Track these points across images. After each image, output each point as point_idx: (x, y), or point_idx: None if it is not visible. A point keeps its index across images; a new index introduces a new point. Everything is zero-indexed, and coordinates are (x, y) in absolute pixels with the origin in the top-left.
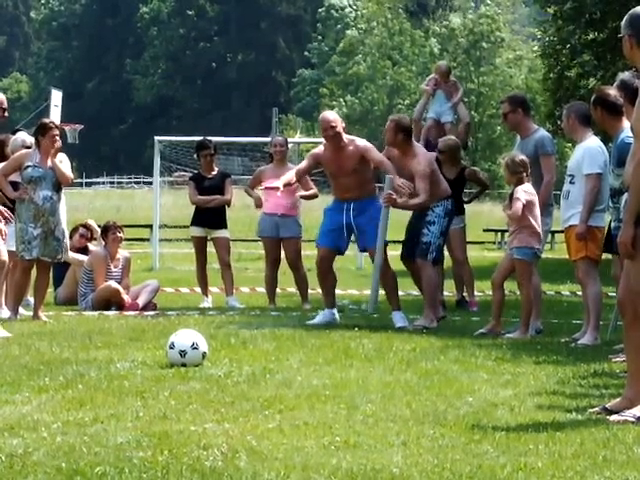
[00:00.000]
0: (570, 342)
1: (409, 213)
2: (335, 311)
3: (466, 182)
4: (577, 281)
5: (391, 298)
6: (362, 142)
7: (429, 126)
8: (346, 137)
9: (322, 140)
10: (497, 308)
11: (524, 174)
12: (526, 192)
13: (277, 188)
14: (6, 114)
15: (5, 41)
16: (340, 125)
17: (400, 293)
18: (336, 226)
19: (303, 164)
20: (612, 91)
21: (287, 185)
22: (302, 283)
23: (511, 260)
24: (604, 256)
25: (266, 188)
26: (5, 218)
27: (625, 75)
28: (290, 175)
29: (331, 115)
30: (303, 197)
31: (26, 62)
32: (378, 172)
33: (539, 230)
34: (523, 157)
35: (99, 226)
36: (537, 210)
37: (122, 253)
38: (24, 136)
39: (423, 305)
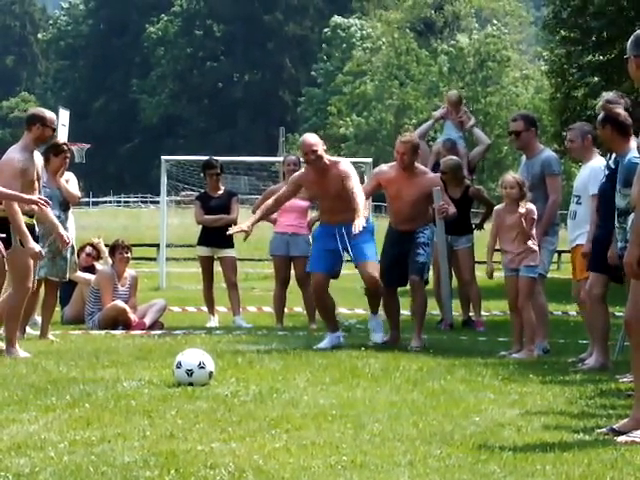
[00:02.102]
0: (577, 362)
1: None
2: (340, 334)
3: (472, 201)
4: (576, 300)
5: (374, 306)
6: (344, 166)
7: (439, 150)
8: (328, 159)
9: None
10: (520, 332)
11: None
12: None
13: (245, 231)
14: (55, 134)
15: (13, 61)
16: (321, 148)
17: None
18: (330, 250)
19: (285, 190)
20: (621, 110)
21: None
22: (310, 302)
23: (517, 280)
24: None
25: (227, 234)
26: (40, 205)
27: (609, 95)
28: (260, 213)
29: (312, 138)
30: (315, 219)
31: (34, 82)
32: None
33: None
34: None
35: (106, 245)
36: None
37: (129, 272)
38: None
39: (414, 326)
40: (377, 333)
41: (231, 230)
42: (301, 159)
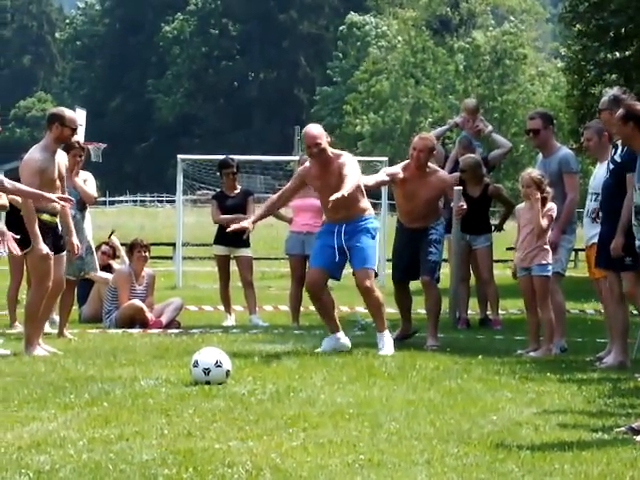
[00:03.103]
0: (595, 361)
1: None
2: (340, 335)
3: (491, 200)
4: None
5: (376, 318)
6: (345, 158)
7: (460, 149)
8: (332, 151)
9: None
10: (535, 330)
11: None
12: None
13: (246, 228)
14: (76, 134)
15: (30, 60)
16: (325, 140)
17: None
18: (328, 247)
19: (289, 186)
20: None
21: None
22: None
23: (531, 279)
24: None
25: (227, 231)
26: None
27: (615, 90)
28: (263, 209)
29: (315, 129)
30: None
31: (50, 81)
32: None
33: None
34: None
35: (122, 244)
36: None
37: (147, 271)
38: None
39: (429, 325)
40: (385, 350)
41: (232, 227)
42: None
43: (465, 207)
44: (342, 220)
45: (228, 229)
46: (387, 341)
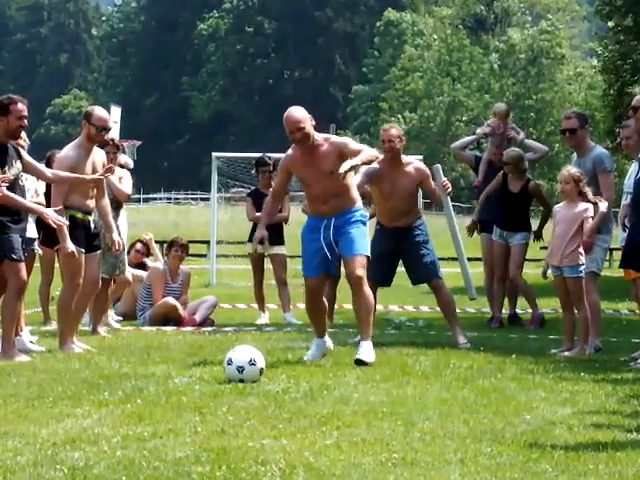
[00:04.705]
0: (629, 361)
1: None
2: (326, 338)
3: (532, 198)
4: (635, 300)
5: (361, 324)
6: (338, 138)
7: (492, 149)
8: (318, 136)
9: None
10: (571, 330)
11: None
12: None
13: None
14: (105, 132)
15: (66, 58)
16: (309, 124)
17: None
18: (318, 249)
19: (277, 181)
20: None
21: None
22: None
23: (564, 280)
24: None
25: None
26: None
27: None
28: (264, 217)
29: (298, 112)
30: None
31: (86, 79)
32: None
33: None
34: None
35: (156, 242)
36: None
37: (182, 269)
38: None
39: (451, 327)
40: (364, 356)
41: (253, 244)
42: None
43: (448, 182)
44: (330, 213)
45: (249, 251)
46: (368, 348)
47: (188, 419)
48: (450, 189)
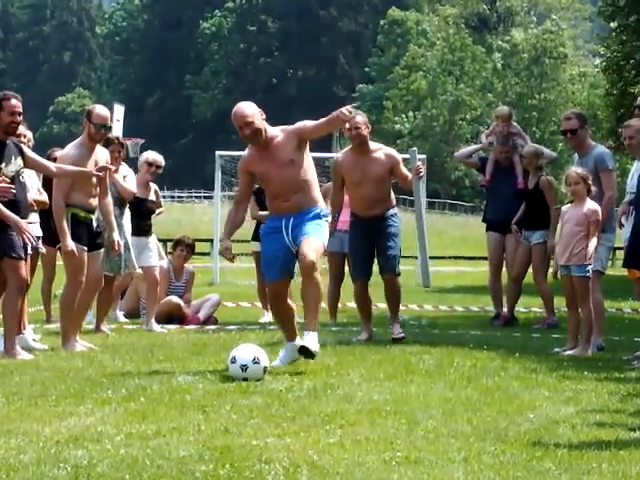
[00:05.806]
0: (632, 359)
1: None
2: (297, 341)
3: None
4: (638, 298)
5: (307, 315)
6: (294, 125)
7: (498, 148)
8: (272, 129)
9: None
10: (575, 329)
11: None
12: None
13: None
14: (105, 130)
15: (69, 57)
16: (259, 118)
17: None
18: (278, 253)
19: (240, 186)
20: None
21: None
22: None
23: (571, 278)
24: None
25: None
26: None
27: None
28: (232, 216)
29: (247, 108)
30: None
31: (89, 77)
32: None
33: None
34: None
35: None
36: None
37: (187, 267)
38: (152, 155)
39: (391, 315)
40: (307, 342)
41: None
42: None
43: (422, 167)
44: (291, 211)
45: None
46: (313, 339)
47: (192, 417)
48: (423, 174)
